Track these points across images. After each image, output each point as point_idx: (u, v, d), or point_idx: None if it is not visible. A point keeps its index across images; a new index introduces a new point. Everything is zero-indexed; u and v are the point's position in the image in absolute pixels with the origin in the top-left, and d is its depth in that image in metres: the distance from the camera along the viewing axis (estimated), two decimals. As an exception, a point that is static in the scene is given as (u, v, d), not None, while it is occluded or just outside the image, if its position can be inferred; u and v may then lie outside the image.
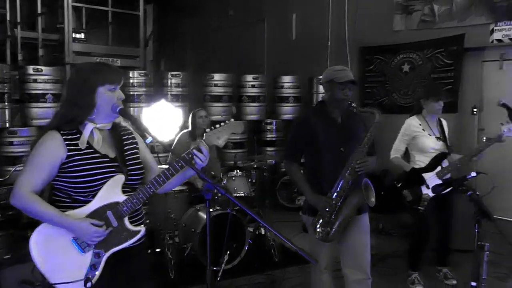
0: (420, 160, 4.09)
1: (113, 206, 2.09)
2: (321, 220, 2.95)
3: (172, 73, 6.44)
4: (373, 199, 2.93)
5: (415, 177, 4.05)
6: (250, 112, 6.89)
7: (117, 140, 2.24)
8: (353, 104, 2.99)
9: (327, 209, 2.91)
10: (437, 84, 5.86)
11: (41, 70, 5.37)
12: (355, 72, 7.54)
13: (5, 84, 5.04)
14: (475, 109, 6.34)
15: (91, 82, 2.09)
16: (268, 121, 6.99)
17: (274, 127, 6.97)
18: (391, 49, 7.04)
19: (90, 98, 2.08)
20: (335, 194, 2.92)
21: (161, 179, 2.13)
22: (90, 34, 8.08)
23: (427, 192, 3.98)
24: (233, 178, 4.53)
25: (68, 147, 2.06)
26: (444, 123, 4.24)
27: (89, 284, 2.06)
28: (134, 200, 2.12)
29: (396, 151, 4.17)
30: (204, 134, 2.18)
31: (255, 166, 5.07)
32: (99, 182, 2.08)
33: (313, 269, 3.27)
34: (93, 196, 2.08)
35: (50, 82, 5.42)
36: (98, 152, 2.12)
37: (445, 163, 4.03)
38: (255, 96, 6.85)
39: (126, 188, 2.15)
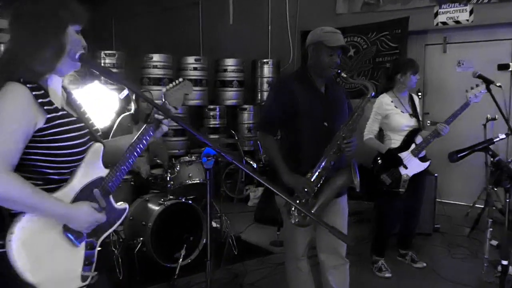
0: (395, 139, 3.88)
1: (98, 182, 1.65)
2: (297, 202, 2.56)
3: (106, 52, 5.77)
4: (358, 184, 2.61)
5: (392, 159, 3.84)
6: (191, 97, 6.37)
7: (69, 98, 1.71)
8: (342, 74, 2.61)
9: (306, 191, 2.55)
10: (407, 59, 5.80)
11: None
12: (297, 57, 7.35)
13: None
14: (419, 93, 6.35)
15: (61, 18, 1.56)
16: (211, 107, 6.52)
17: (217, 113, 6.51)
18: (335, 32, 6.88)
19: (60, 39, 1.55)
20: (316, 174, 2.58)
21: (139, 145, 1.71)
22: (5, 10, 7.08)
23: (406, 172, 3.79)
24: (188, 163, 4.04)
25: (44, 107, 1.50)
26: (416, 99, 4.07)
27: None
28: (117, 173, 1.68)
29: (370, 131, 3.92)
30: (164, 93, 1.80)
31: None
32: (83, 155, 1.62)
33: (288, 257, 2.93)
34: (72, 172, 1.60)
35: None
36: (71, 115, 1.63)
37: (419, 139, 3.86)
38: (197, 79, 6.35)
39: None
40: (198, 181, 4.04)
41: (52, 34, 1.53)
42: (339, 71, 2.63)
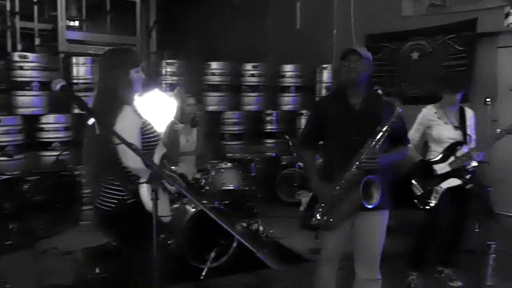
0: (436, 151, 3.83)
1: None
2: (320, 208, 2.77)
3: (167, 61, 6.19)
4: (373, 200, 2.66)
5: (425, 169, 3.75)
6: (249, 102, 6.59)
7: None
8: (379, 91, 2.69)
9: (327, 198, 2.74)
10: (453, 75, 5.55)
11: (28, 57, 5.16)
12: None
13: (-10, 72, 4.85)
14: (488, 99, 5.92)
15: (125, 64, 2.53)
16: (268, 112, 6.68)
17: (274, 118, 6.65)
18: (400, 36, 6.68)
19: (129, 77, 2.52)
20: (339, 185, 2.71)
21: None
22: (89, 22, 7.86)
23: (439, 184, 3.69)
24: (222, 170, 4.23)
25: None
26: (469, 112, 3.95)
27: None
28: None
29: (410, 140, 3.86)
30: None
31: (248, 158, 4.77)
32: None
33: (317, 260, 3.08)
34: None
35: (37, 69, 5.21)
36: None
37: (461, 153, 3.71)
38: (254, 85, 6.55)
39: None
40: (232, 188, 4.21)
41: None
42: (376, 87, 2.72)
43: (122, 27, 7.73)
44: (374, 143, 2.64)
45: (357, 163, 2.65)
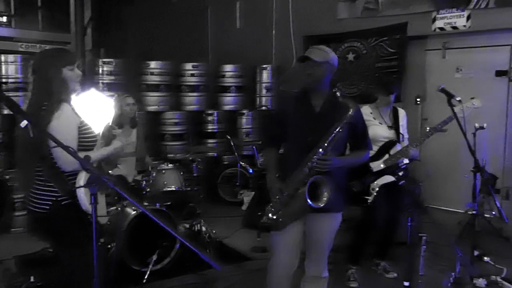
0: (372, 149, 3.95)
1: None
2: (272, 208, 2.74)
3: (104, 60, 6.01)
4: (321, 201, 2.61)
5: (362, 167, 3.90)
6: (189, 102, 6.54)
7: None
8: (337, 93, 2.65)
9: (277, 197, 2.71)
10: (388, 77, 5.81)
11: None
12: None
13: None
14: (418, 99, 6.26)
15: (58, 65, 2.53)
16: (209, 112, 6.67)
17: (215, 118, 6.65)
18: (336, 38, 6.88)
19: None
20: (290, 185, 2.69)
21: None
22: (19, 18, 7.47)
23: (375, 181, 3.86)
24: (163, 171, 4.18)
25: None
26: (401, 112, 4.15)
27: None
28: None
29: None
30: None
31: (190, 158, 4.73)
32: None
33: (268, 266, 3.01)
34: None
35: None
36: None
37: (394, 151, 3.91)
38: (194, 85, 6.51)
39: None
40: (174, 189, 4.17)
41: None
42: (334, 89, 2.68)
43: (55, 23, 7.42)
44: (326, 144, 2.62)
45: (308, 163, 2.62)
